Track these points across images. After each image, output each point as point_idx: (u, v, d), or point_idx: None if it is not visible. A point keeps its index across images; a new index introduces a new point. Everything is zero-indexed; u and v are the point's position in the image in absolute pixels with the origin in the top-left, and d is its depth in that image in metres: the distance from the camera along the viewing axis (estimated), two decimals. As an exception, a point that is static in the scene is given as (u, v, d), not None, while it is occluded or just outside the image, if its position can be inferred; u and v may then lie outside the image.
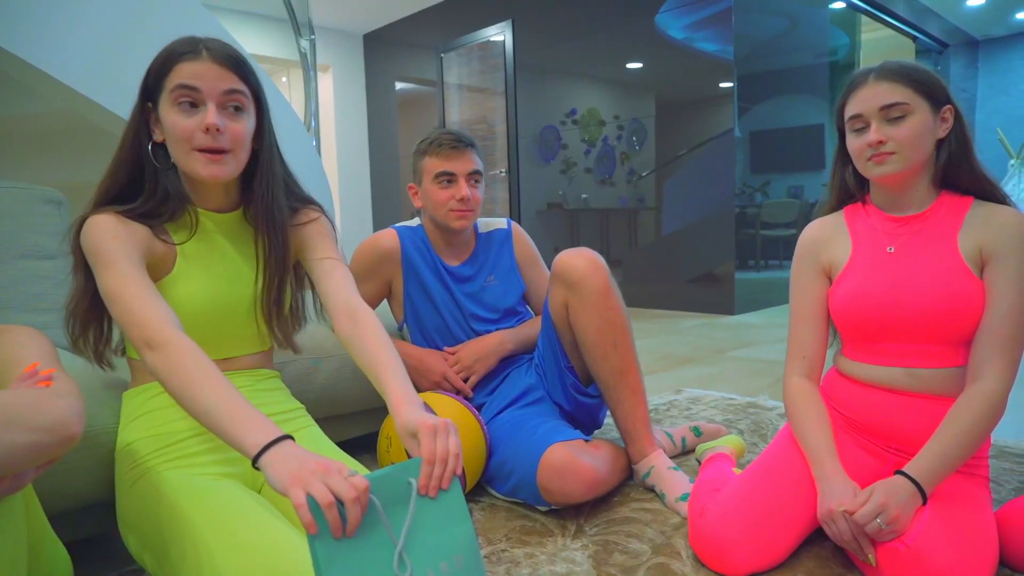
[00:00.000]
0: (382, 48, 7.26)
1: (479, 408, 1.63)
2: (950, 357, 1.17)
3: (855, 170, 1.29)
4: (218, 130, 1.02)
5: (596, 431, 1.74)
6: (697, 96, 4.84)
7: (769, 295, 4.96)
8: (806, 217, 5.21)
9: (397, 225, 1.74)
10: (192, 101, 1.01)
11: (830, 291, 1.28)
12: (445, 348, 1.67)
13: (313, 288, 1.21)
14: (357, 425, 1.76)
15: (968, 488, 1.15)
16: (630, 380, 1.52)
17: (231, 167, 1.05)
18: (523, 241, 1.82)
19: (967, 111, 6.07)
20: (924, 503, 1.08)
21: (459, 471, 0.88)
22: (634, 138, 5.25)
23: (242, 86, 1.04)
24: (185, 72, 1.01)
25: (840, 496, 1.10)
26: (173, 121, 1.01)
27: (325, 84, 7.22)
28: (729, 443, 1.62)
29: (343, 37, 7.29)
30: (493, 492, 1.51)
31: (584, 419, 1.63)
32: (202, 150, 1.02)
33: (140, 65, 1.06)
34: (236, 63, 1.04)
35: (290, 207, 1.17)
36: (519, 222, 5.95)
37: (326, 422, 1.70)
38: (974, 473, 1.20)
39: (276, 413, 1.14)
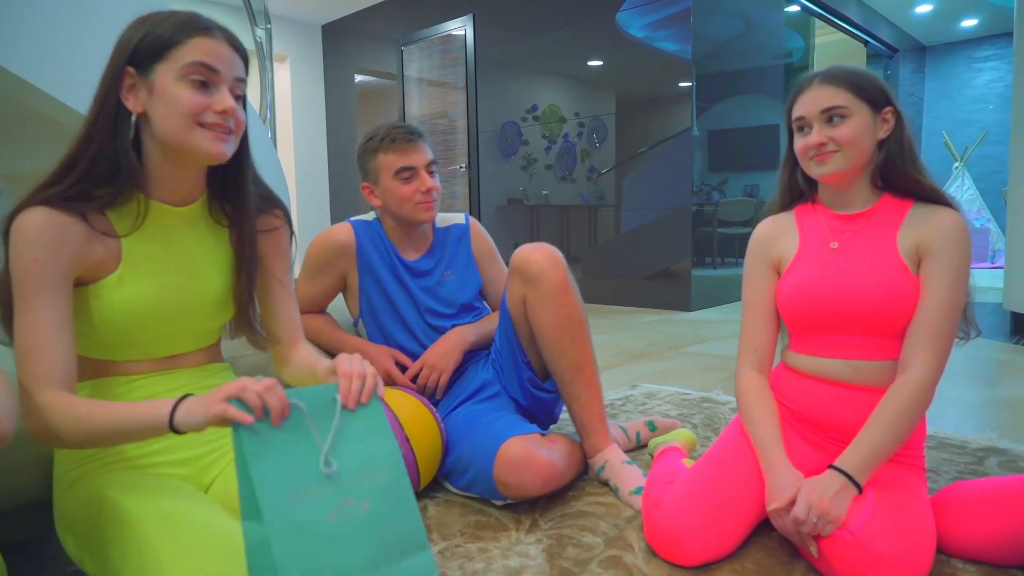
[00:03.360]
0: (341, 39, 7.16)
1: (435, 404, 1.63)
2: (888, 350, 1.21)
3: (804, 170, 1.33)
4: (232, 116, 0.99)
5: (552, 426, 1.75)
6: (657, 95, 4.90)
7: (725, 292, 5.06)
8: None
9: (353, 219, 1.73)
10: (205, 81, 0.97)
11: (778, 285, 1.32)
12: (406, 364, 1.65)
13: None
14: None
15: (906, 478, 1.19)
16: (586, 375, 1.53)
17: (232, 148, 1.02)
18: (481, 236, 1.82)
19: (915, 115, 6.28)
20: (860, 492, 1.12)
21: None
22: (595, 135, 5.29)
23: (244, 75, 1.03)
24: (203, 49, 0.96)
25: (783, 490, 1.14)
26: (179, 95, 0.95)
27: (282, 75, 7.09)
28: (680, 437, 1.65)
29: (301, 27, 7.17)
30: (449, 487, 1.51)
31: (540, 414, 1.64)
32: (208, 127, 0.98)
33: (94, 55, 1.01)
34: (243, 51, 1.02)
35: (258, 208, 1.14)
36: (479, 217, 5.94)
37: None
38: (912, 463, 1.25)
39: None
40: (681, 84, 4.71)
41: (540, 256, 1.51)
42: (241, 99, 1.03)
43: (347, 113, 7.21)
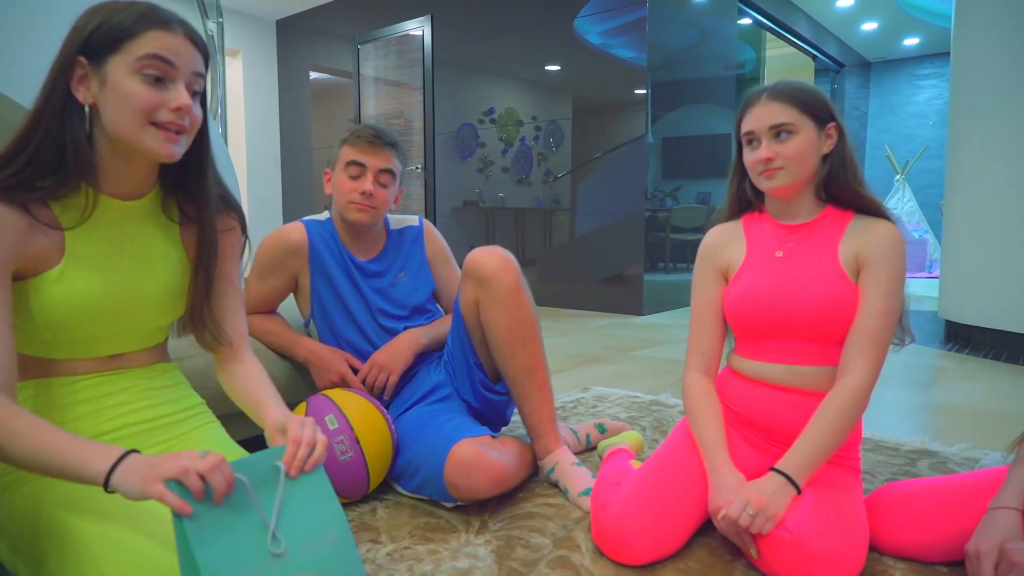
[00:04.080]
0: (296, 35, 7.06)
1: (387, 406, 1.62)
2: (828, 356, 1.26)
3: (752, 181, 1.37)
4: (187, 113, 0.96)
5: (503, 428, 1.77)
6: (613, 101, 4.97)
7: (676, 296, 5.15)
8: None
9: (305, 218, 1.71)
10: (161, 75, 0.93)
11: (725, 291, 1.36)
12: (356, 365, 1.64)
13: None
14: (256, 424, 1.71)
15: (843, 479, 1.24)
16: (538, 378, 1.54)
17: (183, 148, 0.98)
18: (434, 239, 1.82)
19: (859, 128, 6.50)
20: (799, 492, 1.16)
21: (323, 459, 0.92)
22: (551, 139, 5.33)
23: (204, 70, 0.99)
24: (160, 43, 0.93)
25: (725, 492, 1.18)
26: (133, 90, 0.92)
27: (234, 70, 6.95)
28: (628, 439, 1.68)
29: (254, 22, 7.04)
30: (399, 489, 1.51)
31: (492, 416, 1.65)
32: (161, 126, 0.94)
33: (43, 50, 0.97)
34: (203, 46, 0.99)
35: (216, 208, 1.11)
36: (434, 219, 5.92)
37: (225, 420, 1.64)
38: (848, 465, 1.30)
39: (174, 412, 1.10)
40: (636, 91, 4.79)
41: (493, 259, 1.52)
42: (199, 95, 1.00)
43: (301, 111, 7.11)
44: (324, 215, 1.74)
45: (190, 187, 1.07)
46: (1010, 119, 3.13)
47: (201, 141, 1.05)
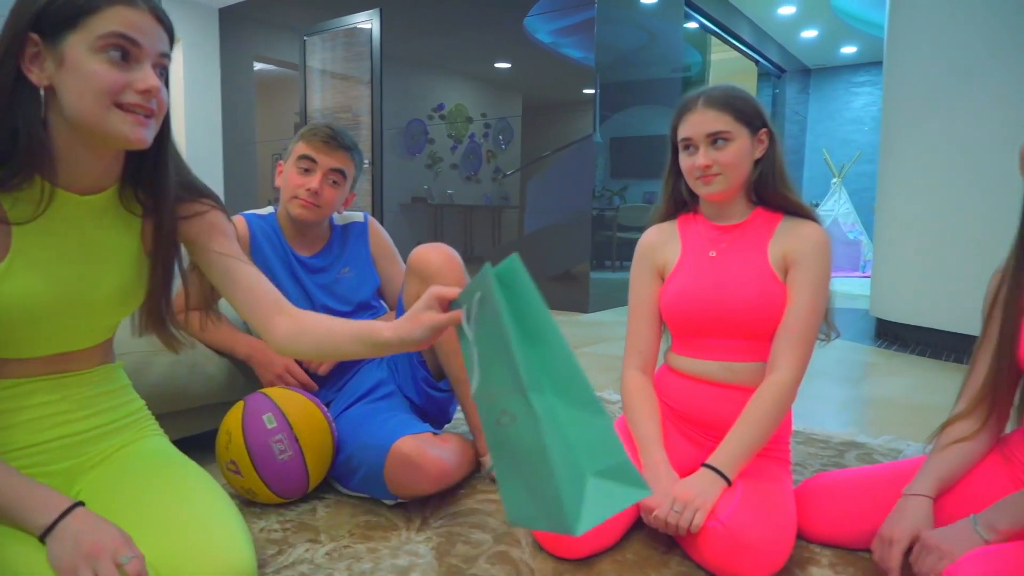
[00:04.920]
0: (240, 25, 6.88)
1: (327, 405, 1.61)
2: (759, 352, 1.31)
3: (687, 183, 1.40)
4: (156, 96, 0.89)
5: (446, 425, 1.77)
6: (562, 100, 5.01)
7: (622, 294, 5.21)
8: (658, 222, 5.55)
9: (247, 212, 1.68)
10: (125, 54, 0.86)
11: (661, 290, 1.40)
12: None
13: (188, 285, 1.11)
14: (194, 422, 1.67)
15: (773, 470, 1.29)
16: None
17: (153, 133, 0.91)
18: (379, 235, 1.81)
19: (799, 132, 6.69)
20: (729, 485, 1.20)
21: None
22: (500, 136, 5.34)
23: (169, 50, 0.93)
24: (124, 19, 0.85)
25: (657, 491, 1.21)
26: (96, 70, 0.84)
27: (174, 58, 6.74)
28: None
29: (195, 9, 6.83)
30: (340, 488, 1.50)
31: (435, 413, 1.65)
32: (128, 108, 0.87)
33: None
34: (168, 24, 0.92)
35: (177, 197, 1.04)
36: (382, 215, 5.86)
37: (161, 419, 1.60)
38: (778, 457, 1.35)
39: (114, 420, 1.06)
40: (585, 91, 4.84)
41: (437, 256, 1.52)
42: (164, 78, 0.93)
43: (245, 102, 6.94)
44: (267, 210, 1.71)
45: (149, 177, 0.99)
46: (938, 126, 3.28)
47: (164, 128, 0.98)
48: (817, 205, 8.35)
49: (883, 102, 3.86)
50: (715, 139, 1.28)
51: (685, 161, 1.33)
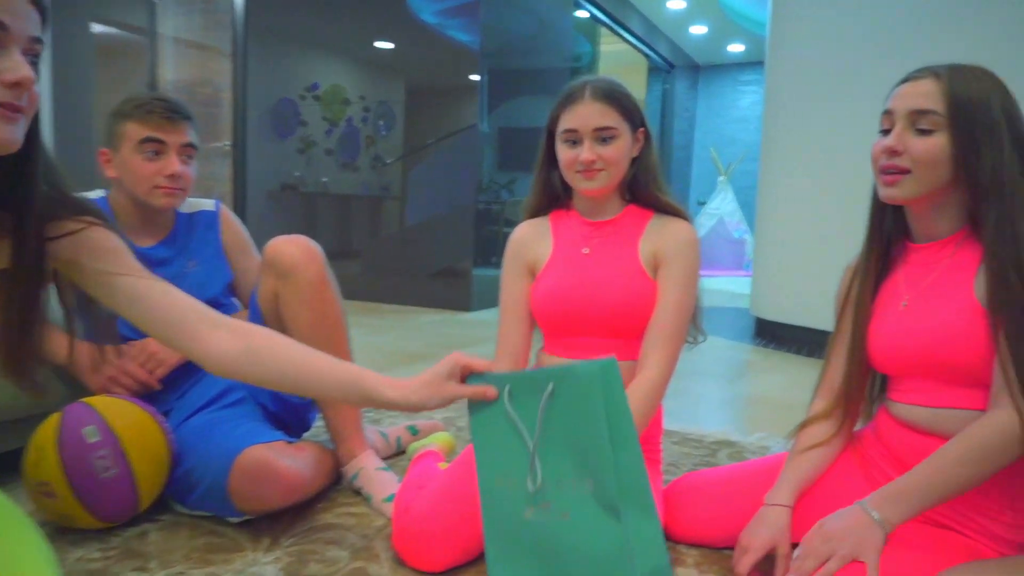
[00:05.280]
0: (79, -19, 6.37)
1: (166, 414, 1.51)
2: (630, 351, 1.36)
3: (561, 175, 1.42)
4: (27, 89, 0.78)
5: (306, 434, 1.72)
6: (447, 85, 5.00)
7: (508, 292, 5.28)
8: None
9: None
10: None
11: (532, 287, 1.42)
12: (129, 342, 1.53)
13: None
14: None
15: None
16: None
17: (23, 133, 0.80)
18: (232, 225, 1.73)
19: (688, 129, 7.03)
20: None
21: None
22: (381, 122, 5.26)
23: (42, 34, 0.82)
24: None
25: None
26: None
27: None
28: (438, 440, 1.70)
29: (26, -40, 6.26)
30: (177, 507, 1.41)
31: (292, 420, 1.60)
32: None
33: None
34: (43, 2, 0.82)
35: (48, 213, 0.92)
36: (244, 204, 5.61)
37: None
38: (649, 457, 1.40)
39: None
40: (471, 77, 4.85)
41: (295, 248, 1.48)
42: (36, 66, 0.82)
43: (80, 69, 6.40)
44: (97, 193, 1.60)
45: (11, 187, 0.87)
46: (817, 125, 3.51)
47: (33, 128, 0.86)
48: (704, 203, 8.81)
49: (764, 100, 4.12)
50: (601, 134, 1.31)
51: (566, 153, 1.34)
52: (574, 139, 1.33)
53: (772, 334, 3.92)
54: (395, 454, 1.81)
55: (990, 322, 1.00)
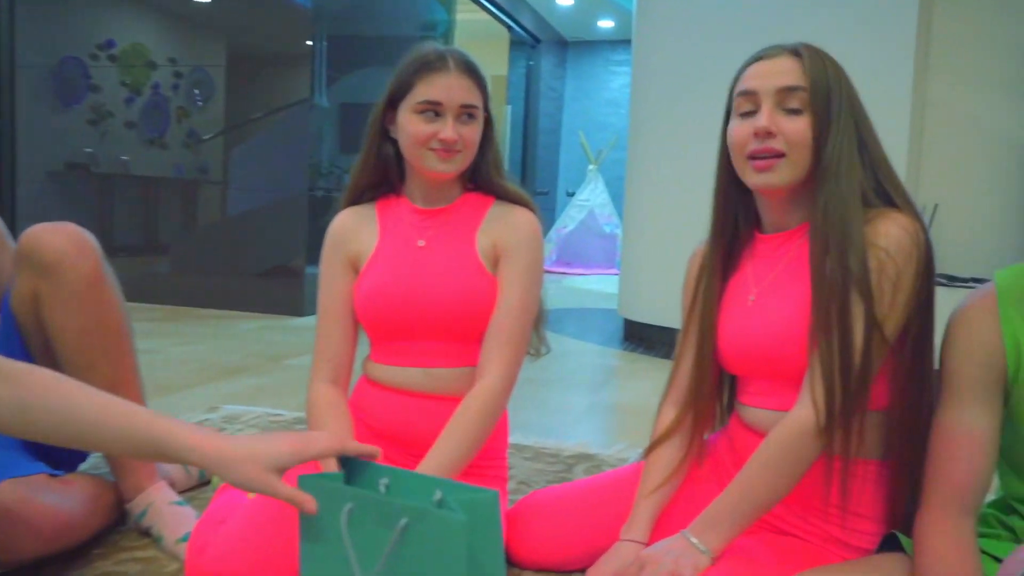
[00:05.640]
0: None
1: None
2: (467, 356, 1.37)
3: (398, 151, 1.41)
4: None
5: (82, 465, 1.61)
6: (278, 51, 4.87)
7: (350, 294, 5.21)
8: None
9: None
10: None
11: (355, 285, 1.40)
12: None
13: None
14: None
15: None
16: (126, 397, 1.43)
17: None
18: None
19: (555, 111, 7.24)
20: None
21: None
22: (196, 91, 5.05)
23: None
24: None
25: None
26: None
27: None
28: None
29: None
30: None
31: (61, 450, 1.49)
32: None
33: None
34: None
35: None
36: (15, 185, 5.18)
37: None
38: (493, 474, 1.43)
39: None
40: (305, 43, 4.74)
41: (61, 239, 1.38)
42: None
43: None
44: None
45: None
46: (686, 110, 3.67)
47: None
48: (573, 194, 9.08)
49: (632, 81, 4.30)
50: (467, 111, 1.32)
51: (421, 127, 1.32)
52: (435, 112, 1.32)
53: (641, 337, 4.10)
54: (197, 485, 1.74)
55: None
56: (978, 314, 1.04)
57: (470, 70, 1.35)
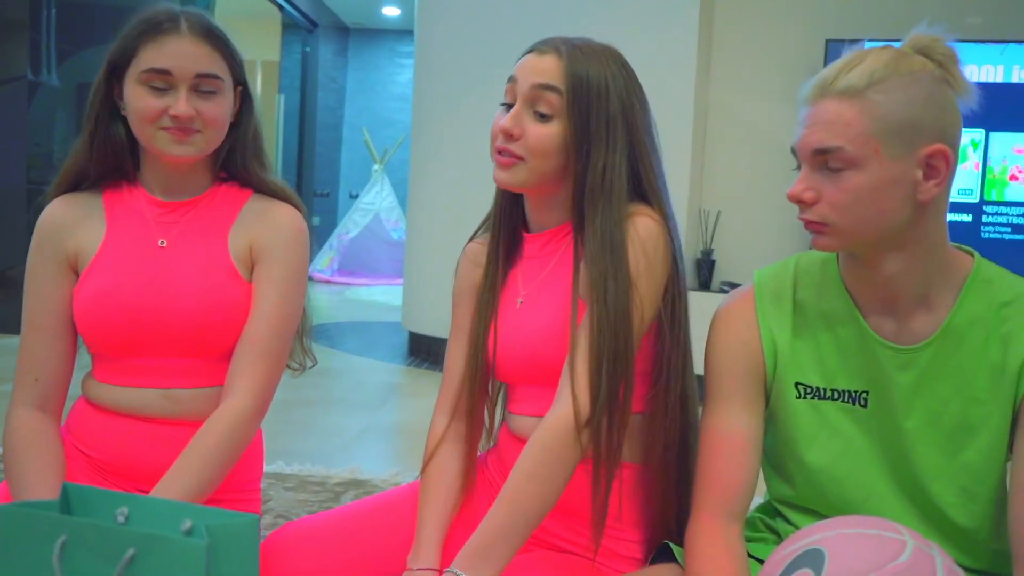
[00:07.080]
0: None
1: None
2: (214, 375, 1.31)
3: (129, 131, 1.31)
4: None
5: None
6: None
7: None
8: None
9: None
10: None
11: (76, 289, 1.30)
12: None
13: None
14: None
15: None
16: None
17: None
18: None
19: (336, 105, 7.16)
20: None
21: None
22: None
23: None
24: None
25: None
26: None
27: None
28: None
29: None
30: None
31: None
32: None
33: None
34: None
35: None
36: None
37: None
38: (242, 508, 1.36)
39: None
40: (18, 10, 4.38)
41: None
42: None
43: None
44: None
45: None
46: (471, 105, 3.75)
47: None
48: (357, 197, 9.00)
49: (415, 74, 4.34)
50: (203, 83, 1.24)
51: (148, 102, 1.23)
52: (163, 84, 1.24)
53: (427, 350, 4.13)
54: None
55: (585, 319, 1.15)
56: (737, 313, 1.15)
57: (210, 34, 1.27)
